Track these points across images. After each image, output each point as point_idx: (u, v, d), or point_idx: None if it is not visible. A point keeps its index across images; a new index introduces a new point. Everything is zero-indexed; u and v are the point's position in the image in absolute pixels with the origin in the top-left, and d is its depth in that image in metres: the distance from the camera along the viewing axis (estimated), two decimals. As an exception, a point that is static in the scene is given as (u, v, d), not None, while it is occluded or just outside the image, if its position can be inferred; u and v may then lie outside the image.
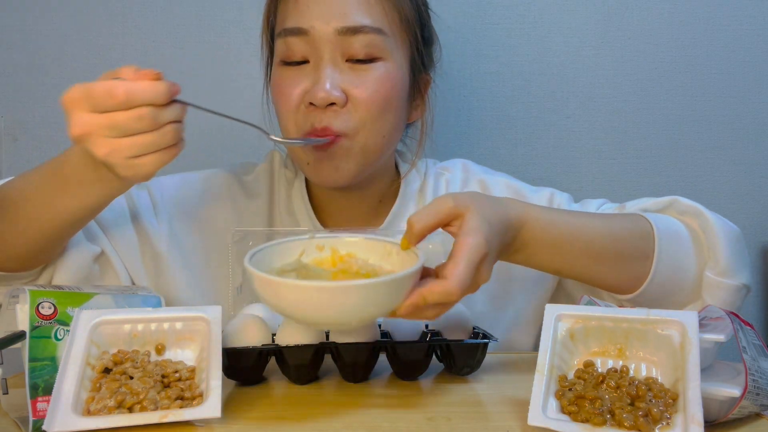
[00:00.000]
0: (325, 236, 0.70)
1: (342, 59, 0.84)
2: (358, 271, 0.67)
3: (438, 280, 0.61)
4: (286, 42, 0.85)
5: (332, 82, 0.82)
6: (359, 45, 0.83)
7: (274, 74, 0.89)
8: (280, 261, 0.67)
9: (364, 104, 0.83)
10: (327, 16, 0.82)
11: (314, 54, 0.84)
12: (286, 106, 0.85)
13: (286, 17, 0.85)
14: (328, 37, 0.82)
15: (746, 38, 1.32)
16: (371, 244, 0.69)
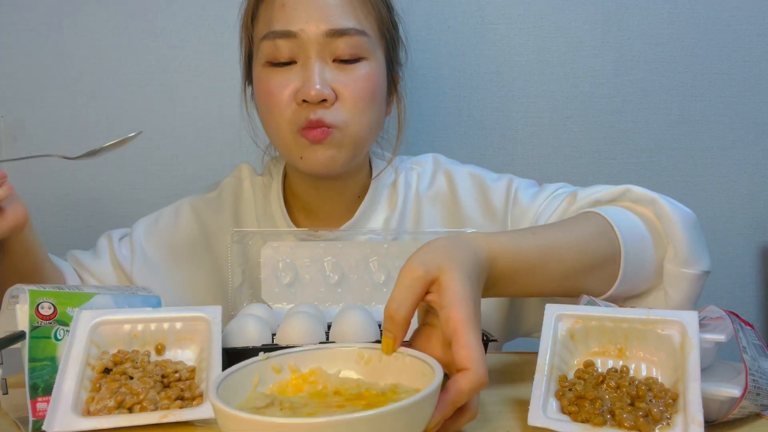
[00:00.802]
0: (279, 354, 0.60)
1: (329, 59, 0.88)
2: (342, 391, 0.57)
3: (459, 376, 0.53)
4: (275, 44, 0.87)
5: (322, 81, 0.86)
6: (345, 46, 0.87)
7: (259, 75, 0.91)
8: (240, 394, 0.56)
9: (352, 100, 0.88)
10: (315, 20, 0.86)
11: (302, 55, 0.87)
12: (278, 106, 0.88)
13: (272, 20, 0.87)
14: (317, 39, 0.86)
15: (746, 38, 1.32)
16: (335, 352, 0.61)
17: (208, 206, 1.02)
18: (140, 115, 1.29)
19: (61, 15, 1.27)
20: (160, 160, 1.30)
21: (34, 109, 1.28)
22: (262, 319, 0.75)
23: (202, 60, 1.29)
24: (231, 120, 1.30)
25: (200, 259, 0.99)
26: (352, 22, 0.87)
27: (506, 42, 1.31)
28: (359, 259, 0.87)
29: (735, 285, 1.36)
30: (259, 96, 0.92)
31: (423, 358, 0.56)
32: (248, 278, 0.91)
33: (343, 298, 0.87)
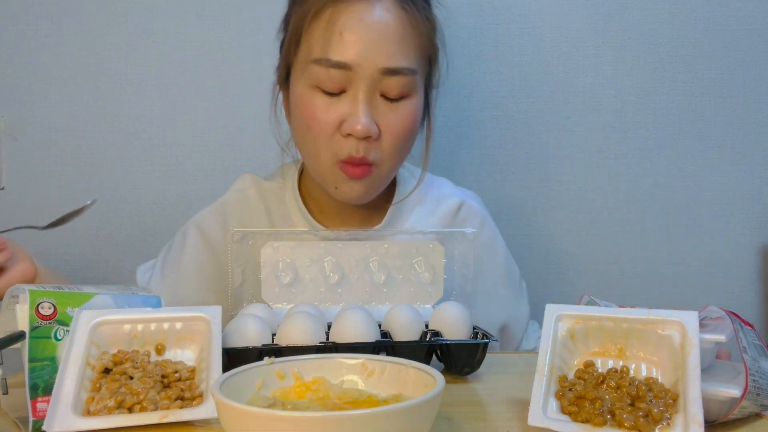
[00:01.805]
0: (284, 360, 0.60)
1: (377, 93, 0.88)
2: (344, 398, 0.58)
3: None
4: (328, 72, 0.86)
5: (369, 117, 0.86)
6: (395, 84, 0.87)
7: (303, 94, 0.89)
8: (243, 396, 0.56)
9: (394, 138, 0.89)
10: (373, 56, 0.85)
11: (353, 86, 0.86)
12: (321, 132, 0.88)
13: (328, 46, 0.85)
14: (371, 74, 0.86)
15: (746, 38, 1.32)
16: (339, 363, 0.61)
17: (212, 223, 1.02)
18: (140, 115, 1.29)
19: (61, 15, 1.27)
20: (160, 160, 1.30)
21: (34, 109, 1.28)
22: (262, 319, 0.75)
23: (202, 60, 1.29)
24: (231, 120, 1.30)
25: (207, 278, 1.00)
26: (407, 60, 0.87)
27: (506, 42, 1.31)
28: (359, 259, 0.87)
29: (735, 285, 1.36)
30: (301, 116, 0.90)
31: (426, 369, 0.57)
32: (248, 278, 0.91)
33: (343, 298, 0.87)
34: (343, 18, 0.85)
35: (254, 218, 1.01)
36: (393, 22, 0.86)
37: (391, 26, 0.85)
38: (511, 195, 1.33)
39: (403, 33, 0.86)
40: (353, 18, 0.85)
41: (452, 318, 0.77)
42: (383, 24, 0.85)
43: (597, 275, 1.35)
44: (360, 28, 0.84)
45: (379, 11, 0.85)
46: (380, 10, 0.85)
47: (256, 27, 1.29)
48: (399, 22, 0.86)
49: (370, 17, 0.85)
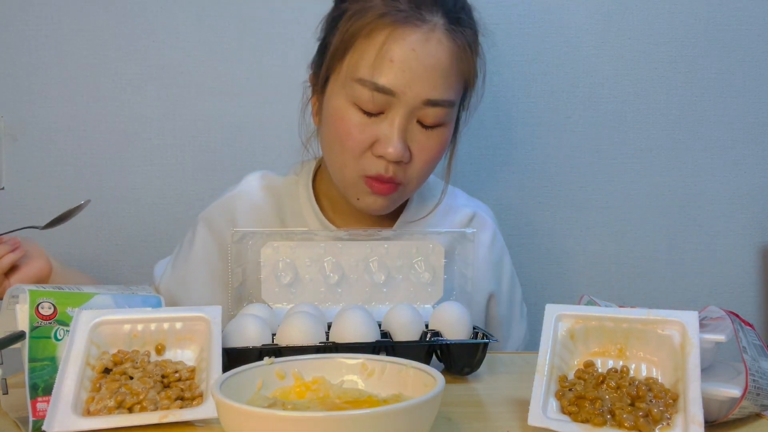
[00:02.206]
0: (284, 360, 0.60)
1: (414, 120, 0.88)
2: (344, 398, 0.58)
3: None
4: (372, 95, 0.85)
5: (403, 142, 0.87)
6: (433, 114, 0.87)
7: (340, 107, 0.88)
8: (243, 396, 0.56)
9: (424, 162, 0.90)
10: (418, 86, 0.85)
11: (392, 110, 0.86)
12: (353, 149, 0.88)
13: (376, 71, 0.84)
14: (413, 103, 0.86)
15: (746, 38, 1.32)
16: (339, 363, 0.61)
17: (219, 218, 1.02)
18: (140, 115, 1.29)
19: (61, 15, 1.27)
20: (160, 160, 1.30)
21: (34, 109, 1.28)
22: (262, 319, 0.75)
23: (202, 60, 1.29)
24: (231, 120, 1.30)
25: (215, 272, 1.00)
26: (449, 92, 0.87)
27: (506, 42, 1.31)
28: (359, 259, 0.87)
29: (735, 285, 1.36)
30: (334, 129, 0.90)
31: (426, 369, 0.57)
32: (248, 278, 0.91)
33: (343, 298, 0.87)
34: (396, 45, 0.84)
35: (262, 214, 1.01)
36: (443, 54, 0.85)
37: (441, 59, 0.85)
38: (511, 195, 1.33)
39: (450, 65, 0.86)
40: (406, 47, 0.84)
41: (452, 318, 0.76)
42: (433, 56, 0.85)
43: (597, 275, 1.35)
44: (411, 58, 0.84)
45: (432, 43, 0.85)
46: (434, 41, 0.85)
47: (257, 27, 1.29)
48: (448, 54, 0.86)
49: (422, 48, 0.84)
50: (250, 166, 1.27)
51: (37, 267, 0.90)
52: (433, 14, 0.85)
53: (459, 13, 0.88)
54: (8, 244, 0.87)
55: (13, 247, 0.87)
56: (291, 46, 1.28)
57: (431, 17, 0.85)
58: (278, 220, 1.01)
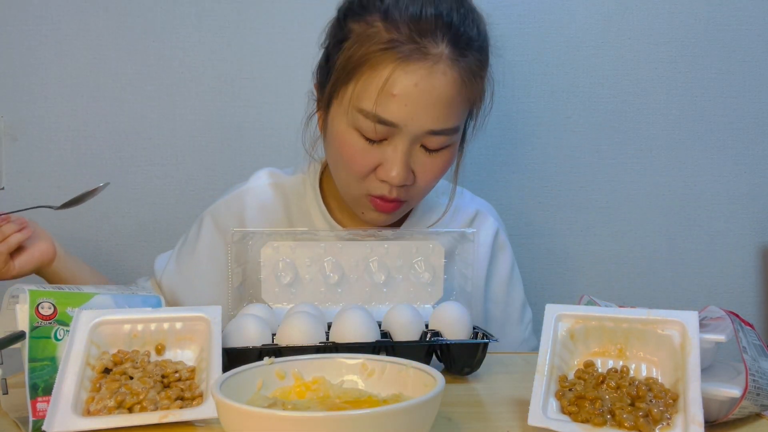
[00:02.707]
0: (284, 360, 0.60)
1: (418, 145, 0.87)
2: (347, 397, 0.58)
3: None
4: (374, 126, 0.84)
5: (407, 167, 0.87)
6: (437, 142, 0.87)
7: (342, 132, 0.87)
8: (243, 396, 0.56)
9: (427, 182, 0.90)
10: (420, 119, 0.84)
11: (395, 139, 0.86)
12: (356, 172, 0.88)
13: (378, 105, 0.83)
14: (416, 133, 0.85)
15: (746, 38, 1.32)
16: (339, 363, 0.61)
17: (227, 214, 1.02)
18: (140, 115, 1.29)
19: (61, 15, 1.27)
20: (160, 160, 1.30)
21: (34, 109, 1.28)
22: (262, 319, 0.75)
23: (202, 60, 1.29)
24: (231, 120, 1.30)
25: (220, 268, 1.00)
26: (453, 121, 0.86)
27: (507, 42, 1.31)
28: (359, 259, 0.87)
29: (735, 285, 1.36)
30: (338, 152, 0.89)
31: (426, 369, 0.57)
32: (248, 278, 0.91)
33: (343, 298, 0.87)
34: (399, 81, 0.82)
35: (271, 212, 1.01)
36: (447, 86, 0.84)
37: (444, 91, 0.83)
38: (511, 195, 1.33)
39: (454, 95, 0.85)
40: (409, 82, 0.82)
41: (452, 318, 0.76)
42: (437, 90, 0.83)
43: (597, 275, 1.35)
44: (413, 93, 0.82)
45: (436, 76, 0.83)
46: (437, 74, 0.83)
47: (257, 27, 1.29)
48: (452, 84, 0.84)
49: (425, 82, 0.82)
50: (250, 166, 1.27)
51: (41, 249, 0.91)
52: (437, 44, 0.83)
53: (467, 33, 0.86)
54: (16, 223, 0.88)
55: (20, 227, 0.88)
56: (291, 46, 1.29)
57: (435, 48, 0.82)
58: (286, 218, 1.01)
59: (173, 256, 1.04)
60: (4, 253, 0.86)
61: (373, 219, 0.93)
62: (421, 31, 0.82)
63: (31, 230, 0.89)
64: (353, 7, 0.87)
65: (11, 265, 0.88)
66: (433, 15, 0.83)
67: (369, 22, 0.84)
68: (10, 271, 0.88)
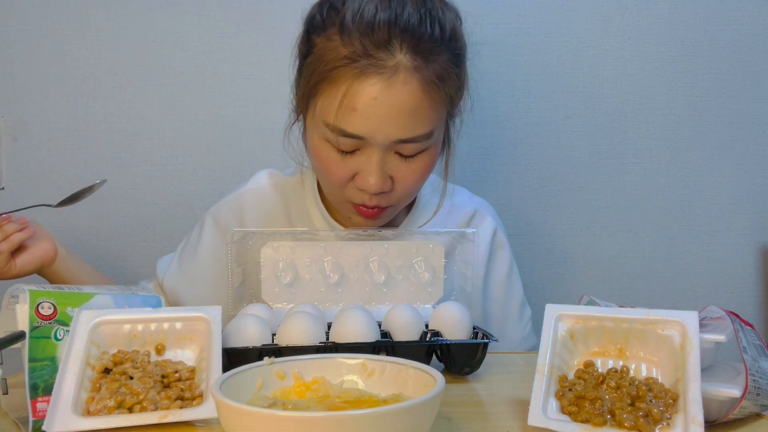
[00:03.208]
0: (284, 360, 0.61)
1: (392, 152, 0.86)
2: (347, 397, 0.58)
3: None
4: (339, 139, 0.84)
5: (383, 175, 0.86)
6: (410, 149, 0.86)
7: (317, 145, 0.87)
8: (243, 396, 0.56)
9: (407, 187, 0.89)
10: (386, 130, 0.82)
11: (366, 149, 0.85)
12: (334, 182, 0.88)
13: (341, 118, 0.82)
14: (385, 143, 0.84)
15: (746, 38, 1.32)
16: (339, 363, 0.61)
17: (228, 215, 1.02)
18: (140, 115, 1.29)
19: (61, 15, 1.27)
20: (160, 160, 1.30)
21: (34, 109, 1.28)
22: (262, 319, 0.75)
23: (202, 60, 1.29)
24: (231, 120, 1.30)
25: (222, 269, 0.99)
26: (422, 128, 0.84)
27: (506, 42, 1.31)
28: (359, 259, 0.87)
29: (735, 285, 1.36)
30: (315, 162, 0.90)
31: (426, 369, 0.57)
32: (248, 278, 0.91)
33: (343, 298, 0.87)
34: (358, 94, 0.81)
35: (271, 212, 1.01)
36: (409, 96, 0.82)
37: (407, 101, 0.82)
38: (511, 195, 1.33)
39: (420, 103, 0.83)
40: (368, 96, 0.81)
41: (452, 318, 0.76)
42: (398, 101, 0.81)
43: (597, 275, 1.35)
44: (373, 106, 0.81)
45: (395, 87, 0.81)
46: (397, 84, 0.81)
47: (256, 27, 1.29)
48: (415, 94, 0.82)
49: (384, 95, 0.81)
50: (249, 166, 1.27)
51: (43, 249, 0.91)
52: (394, 54, 0.81)
53: (428, 34, 0.82)
54: (17, 223, 0.88)
55: (21, 226, 0.88)
56: (291, 46, 1.28)
57: (392, 59, 0.81)
58: (286, 218, 1.01)
59: (175, 258, 1.04)
60: (6, 252, 0.87)
61: (360, 223, 0.93)
62: (376, 43, 0.81)
63: (32, 230, 0.89)
64: (315, 21, 0.86)
65: (12, 265, 0.88)
66: (386, 22, 0.81)
67: (329, 36, 0.83)
68: (11, 270, 0.89)
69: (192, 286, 1.01)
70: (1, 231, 0.87)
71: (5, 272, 0.88)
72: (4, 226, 0.87)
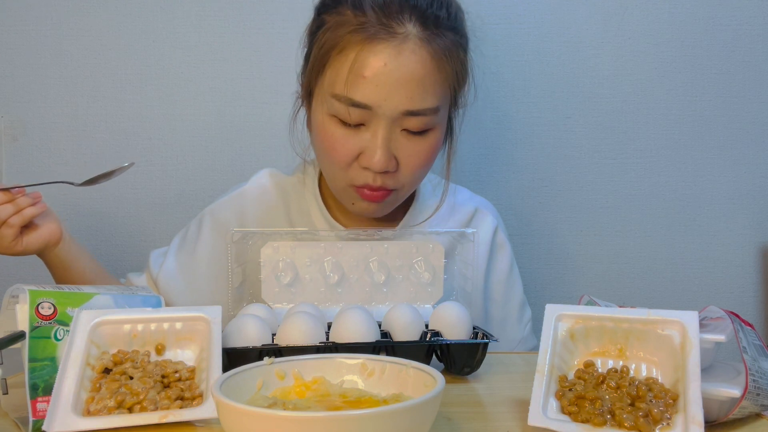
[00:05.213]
0: (284, 360, 0.60)
1: (398, 129, 0.87)
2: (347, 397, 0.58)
3: None
4: (348, 109, 0.85)
5: (388, 153, 0.86)
6: (417, 123, 0.86)
7: (322, 122, 0.88)
8: (243, 396, 0.56)
9: (412, 168, 0.89)
10: (394, 99, 0.84)
11: (373, 122, 0.86)
12: (338, 162, 0.88)
13: (350, 87, 0.84)
14: (392, 115, 0.85)
15: (746, 38, 1.32)
16: (339, 363, 0.61)
17: (228, 214, 1.02)
18: (140, 115, 1.29)
19: (61, 15, 1.27)
20: (160, 160, 1.30)
21: (34, 109, 1.28)
22: (262, 319, 0.75)
23: (202, 60, 1.29)
24: (231, 120, 1.30)
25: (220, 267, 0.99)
26: (430, 100, 0.85)
27: (506, 42, 1.31)
28: (359, 259, 0.87)
29: (735, 285, 1.36)
30: (320, 143, 0.90)
31: (426, 369, 0.57)
32: (248, 278, 0.91)
33: (343, 298, 0.87)
34: (367, 60, 0.83)
35: (272, 212, 1.01)
36: (417, 65, 0.84)
37: (415, 70, 0.83)
38: (510, 195, 1.33)
39: (427, 74, 0.84)
40: (377, 63, 0.83)
41: (452, 318, 0.76)
42: (407, 68, 0.83)
43: (597, 275, 1.35)
44: (382, 73, 0.83)
45: (404, 55, 0.83)
46: (406, 52, 0.83)
47: (256, 27, 1.29)
48: (423, 63, 0.84)
49: (394, 62, 0.83)
50: (249, 166, 1.27)
51: (51, 229, 0.89)
52: (404, 23, 0.83)
53: (436, 13, 0.85)
54: (30, 197, 0.86)
55: (34, 201, 0.86)
56: (291, 45, 1.27)
57: (402, 28, 0.83)
58: (287, 218, 1.01)
59: (171, 253, 1.03)
60: (17, 226, 0.84)
61: (362, 210, 0.92)
62: (388, 13, 0.84)
63: (45, 205, 0.87)
64: (326, 2, 0.89)
65: (19, 240, 0.86)
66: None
67: (340, 12, 0.86)
68: (17, 246, 0.86)
69: (189, 285, 1.00)
70: (14, 204, 0.84)
71: (10, 247, 0.86)
72: (18, 199, 0.85)
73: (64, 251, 0.93)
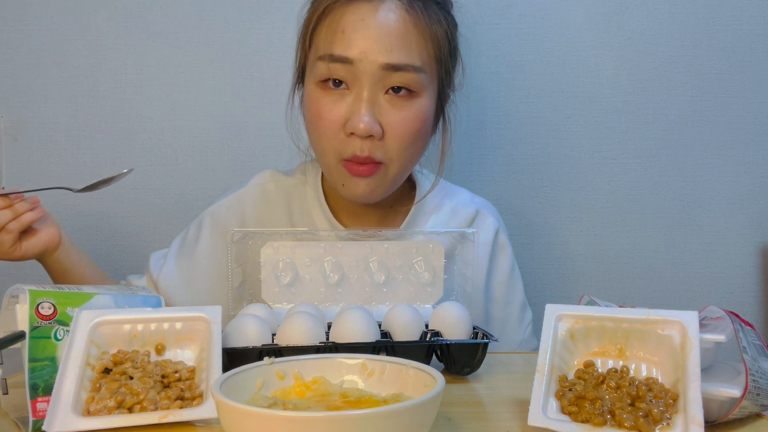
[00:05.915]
0: (284, 360, 0.61)
1: (382, 90, 0.88)
2: (347, 397, 0.58)
3: None
4: (330, 67, 0.87)
5: (372, 116, 0.87)
6: (398, 80, 0.88)
7: (311, 93, 0.91)
8: (243, 396, 0.56)
9: (398, 137, 0.89)
10: (374, 51, 0.86)
11: (355, 82, 0.88)
12: (325, 130, 0.89)
13: (331, 43, 0.87)
14: (372, 70, 0.86)
15: (746, 38, 1.32)
16: (339, 363, 0.61)
17: (228, 215, 1.02)
18: (140, 115, 1.29)
19: (61, 15, 1.27)
20: (161, 160, 1.30)
21: (34, 109, 1.28)
22: (262, 319, 0.75)
23: (202, 60, 1.29)
24: (231, 120, 1.30)
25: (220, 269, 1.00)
26: (410, 57, 0.87)
27: (507, 42, 1.31)
28: (359, 259, 0.87)
29: (735, 285, 1.36)
30: (309, 115, 0.92)
31: (426, 369, 0.57)
32: (248, 278, 0.91)
33: (343, 298, 0.87)
34: (345, 17, 0.87)
35: (273, 213, 1.01)
36: (395, 21, 0.87)
37: (393, 25, 0.87)
38: (510, 195, 1.33)
39: (406, 32, 0.87)
40: (355, 17, 0.86)
41: (452, 318, 0.76)
42: (385, 23, 0.86)
43: (597, 275, 1.35)
44: (361, 27, 0.86)
45: (382, 12, 0.87)
46: (384, 11, 0.87)
47: (256, 27, 1.29)
48: (402, 22, 0.87)
49: (372, 17, 0.86)
50: (249, 166, 1.27)
51: (50, 234, 0.89)
52: None
53: None
54: (29, 202, 0.86)
55: (33, 206, 0.86)
56: (291, 45, 1.28)
57: None
58: (288, 219, 1.01)
59: (171, 256, 1.03)
60: (15, 232, 0.84)
61: (352, 189, 0.91)
62: None
63: (44, 210, 0.87)
64: None
65: (18, 246, 0.86)
66: None
67: None
68: (16, 252, 0.86)
69: (189, 287, 1.00)
70: (12, 209, 0.84)
71: (9, 253, 0.86)
72: (16, 205, 0.85)
73: (64, 256, 0.93)
